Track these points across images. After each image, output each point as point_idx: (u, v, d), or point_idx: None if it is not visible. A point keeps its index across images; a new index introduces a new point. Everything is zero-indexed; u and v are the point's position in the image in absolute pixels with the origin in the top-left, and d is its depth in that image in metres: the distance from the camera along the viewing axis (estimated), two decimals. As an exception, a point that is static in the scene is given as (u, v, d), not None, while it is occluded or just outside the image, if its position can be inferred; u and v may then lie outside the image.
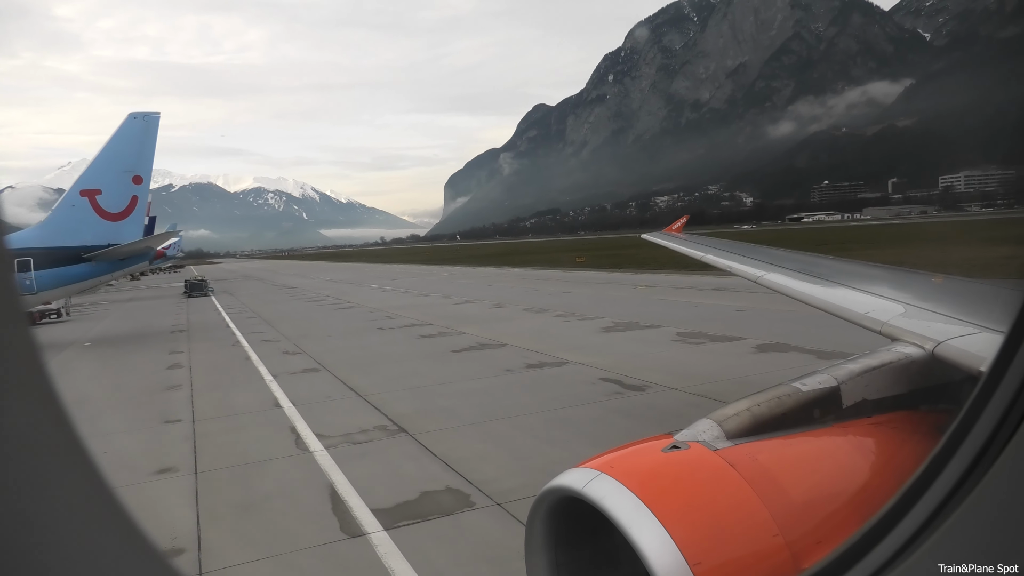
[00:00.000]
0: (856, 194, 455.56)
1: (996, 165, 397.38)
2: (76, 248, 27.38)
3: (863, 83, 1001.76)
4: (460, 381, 15.99)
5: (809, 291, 5.96)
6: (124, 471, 10.68)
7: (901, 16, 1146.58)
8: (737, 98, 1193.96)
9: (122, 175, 28.22)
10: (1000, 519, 1.46)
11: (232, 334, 28.08)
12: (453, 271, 73.15)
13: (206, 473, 10.26)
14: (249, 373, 18.93)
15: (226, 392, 16.46)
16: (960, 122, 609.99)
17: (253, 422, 13.41)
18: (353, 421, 12.79)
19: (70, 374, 20.98)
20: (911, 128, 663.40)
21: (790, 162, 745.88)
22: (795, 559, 2.40)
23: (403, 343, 22.84)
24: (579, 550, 2.82)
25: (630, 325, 23.23)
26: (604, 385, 14.52)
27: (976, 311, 3.79)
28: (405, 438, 11.48)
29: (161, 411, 14.89)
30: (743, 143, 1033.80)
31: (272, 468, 10.42)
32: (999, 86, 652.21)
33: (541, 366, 17.11)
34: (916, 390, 3.33)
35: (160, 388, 17.62)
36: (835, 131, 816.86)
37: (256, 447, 11.60)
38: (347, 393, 15.36)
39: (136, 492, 9.67)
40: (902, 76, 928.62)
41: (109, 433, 13.17)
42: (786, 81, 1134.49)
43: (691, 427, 2.87)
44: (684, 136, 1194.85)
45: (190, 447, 11.79)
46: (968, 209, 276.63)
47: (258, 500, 9.10)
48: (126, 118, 28.58)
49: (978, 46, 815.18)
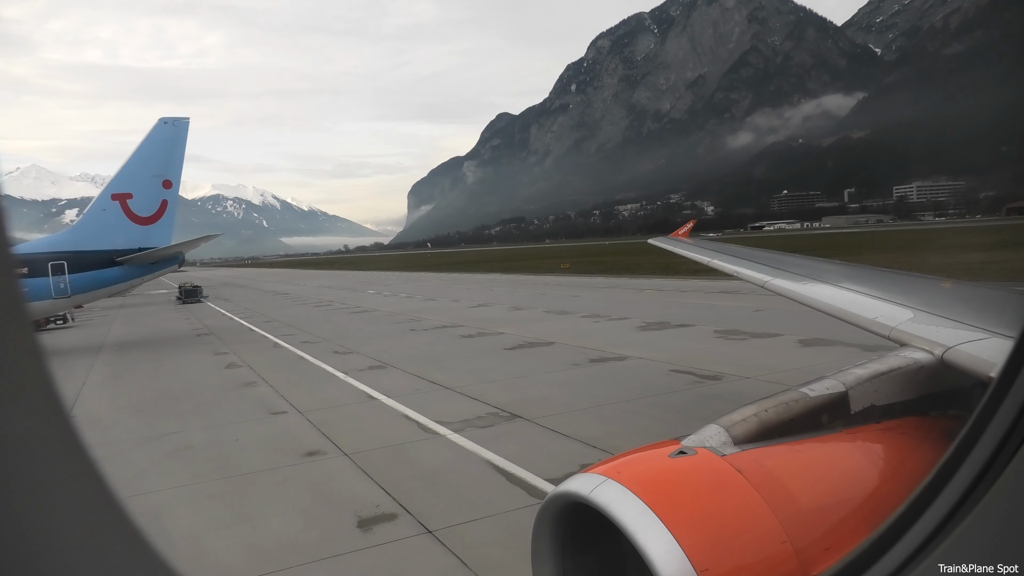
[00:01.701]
0: (815, 203, 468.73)
1: (946, 176, 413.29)
2: (108, 252, 27.54)
3: (818, 96, 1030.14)
4: (536, 375, 16.88)
5: (817, 295, 5.98)
6: (271, 455, 11.41)
7: (853, 32, 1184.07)
8: (697, 109, 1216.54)
9: (152, 179, 28.48)
10: (1012, 526, 1.44)
11: (263, 337, 28.45)
12: (442, 277, 73.62)
13: (359, 454, 10.99)
14: (315, 370, 19.53)
15: (310, 387, 17.07)
16: (910, 134, 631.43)
17: (361, 412, 14.13)
18: (460, 409, 13.60)
19: (129, 373, 21.29)
20: (864, 139, 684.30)
21: (749, 172, 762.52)
22: (803, 566, 2.40)
23: (449, 342, 23.59)
24: (586, 557, 2.82)
25: (662, 325, 24.36)
26: (679, 376, 15.59)
27: (985, 316, 3.79)
28: (524, 423, 12.36)
29: (258, 404, 15.48)
30: (703, 153, 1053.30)
31: (418, 449, 11.21)
32: (947, 100, 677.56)
33: (604, 361, 18.10)
34: (925, 396, 3.33)
35: (236, 385, 18.13)
36: (792, 142, 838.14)
37: (384, 432, 12.36)
38: (432, 386, 16.12)
39: (299, 472, 10.42)
40: (855, 89, 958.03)
41: (226, 424, 13.81)
42: (744, 93, 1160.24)
43: (698, 432, 2.89)
44: (646, 145, 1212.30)
45: (318, 434, 12.47)
46: (922, 218, 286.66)
47: (432, 473, 9.92)
48: (156, 123, 28.84)
49: (926, 61, 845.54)
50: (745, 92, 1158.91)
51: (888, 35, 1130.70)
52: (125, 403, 16.95)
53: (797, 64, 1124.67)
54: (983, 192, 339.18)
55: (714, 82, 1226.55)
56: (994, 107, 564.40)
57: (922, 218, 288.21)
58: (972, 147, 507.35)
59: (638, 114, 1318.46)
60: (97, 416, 15.44)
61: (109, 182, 28.56)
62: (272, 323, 34.28)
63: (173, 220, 29.23)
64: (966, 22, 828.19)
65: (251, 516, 8.77)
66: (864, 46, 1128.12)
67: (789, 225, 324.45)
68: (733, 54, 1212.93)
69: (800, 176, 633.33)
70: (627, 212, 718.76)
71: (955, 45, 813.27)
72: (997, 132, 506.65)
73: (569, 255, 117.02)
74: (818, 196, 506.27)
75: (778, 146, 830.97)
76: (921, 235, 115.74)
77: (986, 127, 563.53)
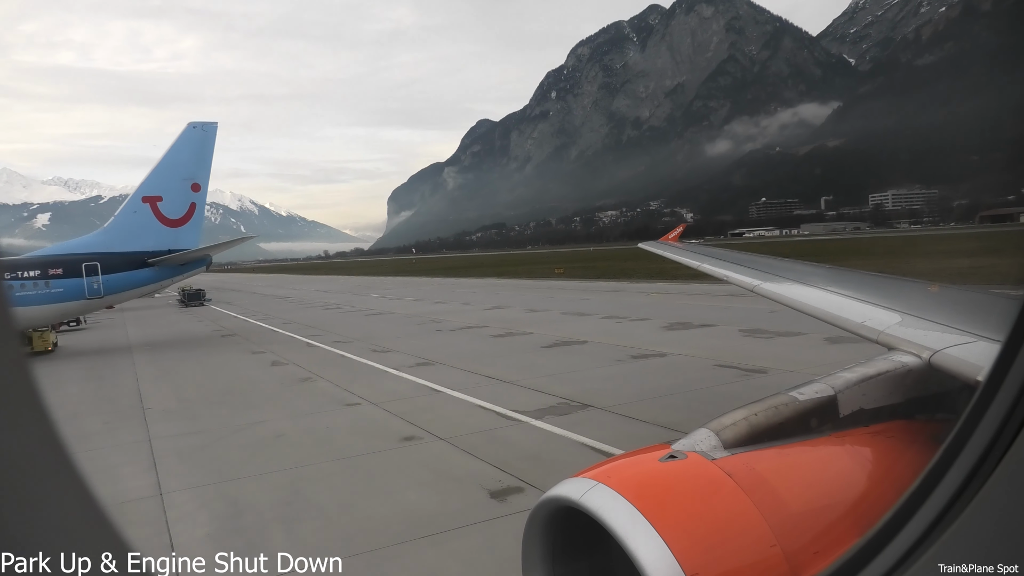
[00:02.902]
0: (792, 211, 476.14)
1: (920, 184, 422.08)
2: (139, 253, 28.03)
3: (794, 105, 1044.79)
4: (585, 369, 17.77)
5: (806, 299, 6.06)
6: (369, 440, 12.17)
7: (828, 42, 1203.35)
8: (676, 117, 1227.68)
9: (182, 182, 29.02)
10: (1001, 528, 1.45)
11: (291, 337, 29.01)
12: (439, 282, 74.23)
13: (455, 439, 11.78)
14: (364, 367, 20.23)
15: (368, 382, 17.80)
16: (885, 143, 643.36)
17: (433, 403, 14.90)
18: (528, 400, 14.42)
19: (177, 371, 21.81)
20: (840, 148, 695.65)
21: (728, 179, 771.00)
22: (793, 570, 2.40)
23: (481, 342, 24.37)
24: (576, 562, 2.81)
25: (685, 325, 25.37)
26: (725, 370, 16.56)
27: (972, 320, 3.82)
28: (597, 411, 13.21)
29: (327, 397, 16.19)
30: (682, 160, 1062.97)
31: (508, 433, 12.03)
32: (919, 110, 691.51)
33: (645, 357, 19.03)
34: (912, 399, 3.36)
35: (293, 380, 18.79)
36: (769, 150, 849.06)
37: (468, 419, 13.17)
38: (489, 380, 16.90)
39: (405, 454, 11.22)
40: (830, 99, 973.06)
41: (306, 414, 14.54)
42: (722, 101, 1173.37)
43: (688, 436, 2.91)
44: (625, 153, 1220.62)
45: (403, 422, 13.24)
46: (898, 226, 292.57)
47: (535, 454, 10.76)
48: (185, 127, 29.39)
49: (899, 72, 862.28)
50: (723, 100, 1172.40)
51: (862, 46, 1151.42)
52: (193, 397, 17.54)
53: (774, 73, 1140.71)
54: (956, 200, 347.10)
55: (692, 90, 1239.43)
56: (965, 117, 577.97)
57: (898, 225, 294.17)
58: (944, 156, 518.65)
59: (618, 121, 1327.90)
60: (172, 409, 16.05)
61: (140, 185, 29.09)
62: (290, 325, 34.81)
63: (201, 222, 29.78)
64: (937, 34, 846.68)
65: (388, 490, 9.55)
66: (839, 56, 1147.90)
67: (769, 232, 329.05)
68: (711, 63, 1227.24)
69: (778, 184, 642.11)
70: (607, 219, 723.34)
71: (927, 56, 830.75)
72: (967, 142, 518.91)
73: (558, 261, 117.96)
74: (796, 204, 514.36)
75: (756, 154, 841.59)
76: (906, 242, 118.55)
77: (957, 137, 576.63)
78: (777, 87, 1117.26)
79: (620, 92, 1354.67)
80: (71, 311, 27.36)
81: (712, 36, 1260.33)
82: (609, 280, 57.12)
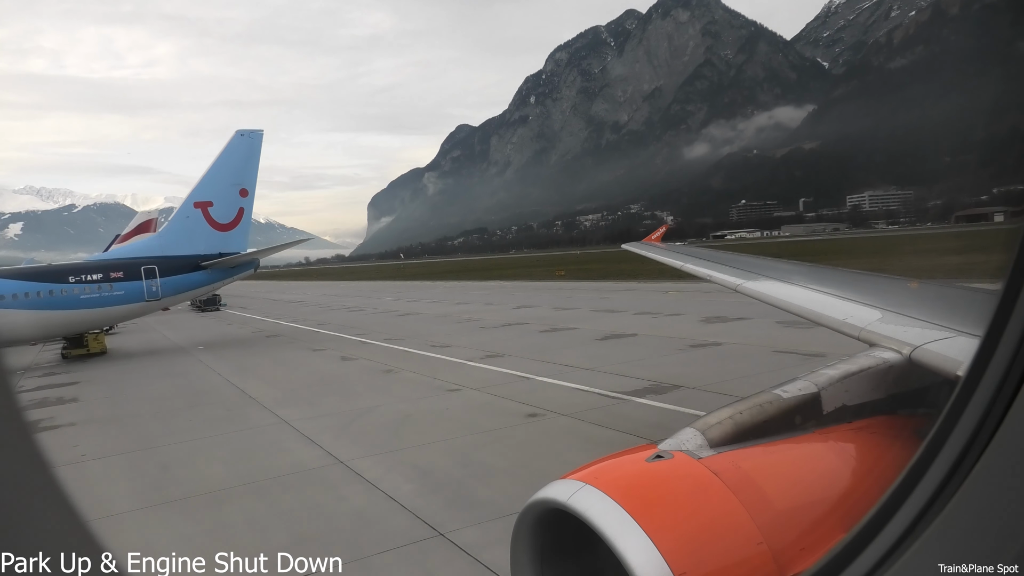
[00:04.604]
0: (772, 212, 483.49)
1: (896, 186, 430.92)
2: (193, 257, 29.09)
3: (770, 108, 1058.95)
4: (652, 358, 19.16)
5: (788, 297, 6.14)
6: (495, 417, 13.49)
7: (802, 46, 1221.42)
8: (654, 121, 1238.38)
9: (230, 188, 30.13)
10: (985, 520, 1.50)
11: (339, 336, 30.15)
12: (446, 285, 75.26)
13: (576, 414, 13.13)
14: (436, 360, 21.43)
15: (452, 372, 19.06)
16: (860, 145, 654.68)
17: (530, 387, 16.20)
18: (618, 383, 15.76)
19: (255, 367, 22.89)
20: (816, 150, 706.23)
21: (707, 182, 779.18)
22: (780, 568, 2.44)
23: (534, 336, 25.64)
24: (565, 564, 2.82)
25: (720, 319, 26.85)
26: (785, 355, 18.05)
27: (951, 315, 3.86)
28: (689, 390, 14.61)
29: (422, 385, 17.46)
30: (661, 164, 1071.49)
31: (621, 409, 13.40)
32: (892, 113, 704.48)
33: (703, 346, 20.48)
34: (894, 395, 3.41)
35: (376, 372, 20.05)
36: (747, 153, 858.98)
37: (575, 399, 14.50)
38: (569, 368, 18.18)
39: (540, 427, 12.58)
40: (805, 102, 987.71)
41: (416, 399, 15.85)
42: (699, 105, 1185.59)
43: (675, 436, 2.94)
44: (605, 157, 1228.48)
45: (516, 403, 14.55)
46: (876, 226, 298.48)
47: (658, 423, 12.15)
48: (233, 135, 30.54)
49: (872, 75, 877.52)
50: (700, 104, 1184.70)
51: (835, 49, 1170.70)
52: (291, 387, 18.71)
53: (749, 77, 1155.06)
54: (931, 201, 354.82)
55: (670, 94, 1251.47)
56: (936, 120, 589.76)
57: (876, 226, 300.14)
58: (918, 158, 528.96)
59: (597, 126, 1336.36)
60: (281, 398, 17.22)
61: (192, 191, 30.18)
62: (327, 326, 35.87)
63: (249, 227, 30.83)
64: (907, 38, 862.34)
65: (549, 453, 10.89)
66: (813, 60, 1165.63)
67: (750, 234, 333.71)
68: (688, 67, 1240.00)
69: (756, 186, 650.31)
70: (589, 222, 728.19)
71: (898, 60, 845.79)
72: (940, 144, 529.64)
73: (546, 264, 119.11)
74: (775, 205, 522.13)
75: (733, 157, 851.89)
76: (888, 242, 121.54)
77: (930, 139, 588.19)
78: (753, 90, 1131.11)
79: (599, 96, 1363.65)
80: (132, 313, 28.32)
81: (688, 40, 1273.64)
82: (614, 281, 58.41)
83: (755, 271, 7.91)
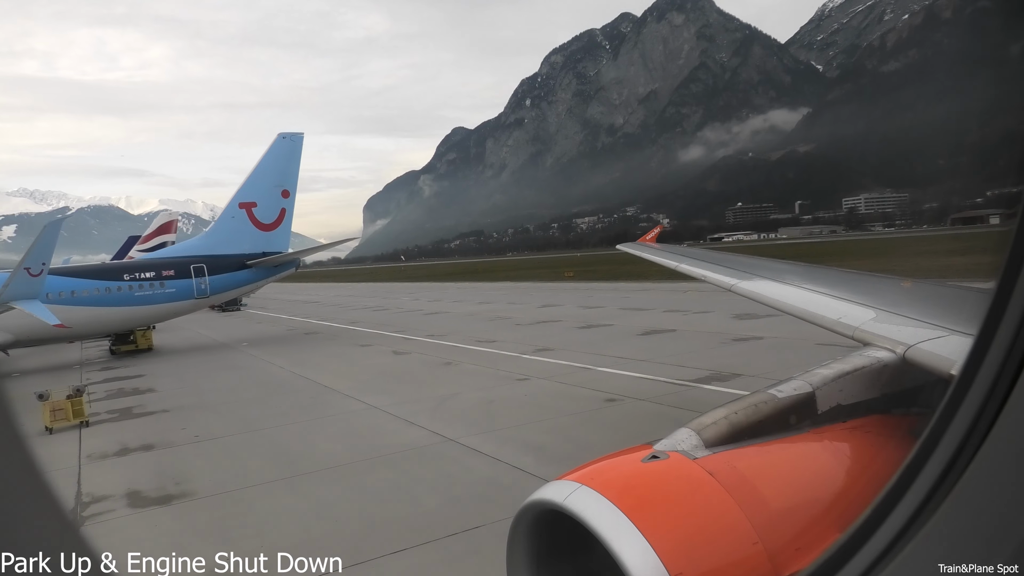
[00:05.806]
0: (769, 215, 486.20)
1: (891, 188, 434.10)
2: (239, 256, 30.06)
3: (765, 111, 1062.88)
4: (701, 351, 20.07)
5: (782, 297, 6.20)
6: (573, 403, 14.47)
7: (796, 49, 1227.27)
8: (650, 124, 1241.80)
9: (273, 189, 31.08)
10: (980, 519, 1.49)
11: (378, 334, 31.06)
12: (459, 286, 75.97)
13: (654, 398, 14.16)
14: (487, 354, 22.31)
15: (509, 364, 19.97)
16: (854, 148, 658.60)
17: (594, 376, 17.14)
18: (678, 373, 16.68)
19: (311, 360, 23.70)
20: (811, 153, 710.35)
21: (702, 185, 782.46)
22: (776, 568, 2.47)
23: (573, 333, 26.52)
24: (561, 565, 2.82)
25: (751, 315, 27.60)
26: (830, 347, 18.92)
27: (945, 314, 3.85)
28: (749, 379, 15.51)
29: (488, 375, 18.40)
30: (657, 167, 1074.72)
31: (692, 394, 14.38)
32: (886, 115, 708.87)
33: (745, 340, 21.43)
34: (888, 394, 3.41)
35: (436, 364, 20.99)
36: (742, 156, 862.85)
37: (641, 387, 15.44)
38: (624, 360, 19.10)
39: (621, 410, 13.57)
40: (800, 105, 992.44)
41: (490, 387, 16.82)
42: (695, 108, 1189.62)
43: (670, 436, 2.95)
44: (601, 160, 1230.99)
45: (588, 390, 15.51)
46: (872, 229, 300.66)
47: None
48: (276, 138, 31.52)
49: (865, 78, 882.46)
50: (695, 107, 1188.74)
51: (829, 52, 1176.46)
52: (358, 379, 19.59)
53: (744, 80, 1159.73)
54: (926, 203, 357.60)
55: (665, 97, 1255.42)
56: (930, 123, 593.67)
57: (872, 228, 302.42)
58: (912, 161, 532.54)
59: (592, 128, 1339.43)
60: (354, 387, 18.09)
61: (236, 192, 31.16)
62: (359, 323, 36.76)
63: (290, 227, 31.79)
64: (901, 41, 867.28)
65: (643, 432, 11.81)
66: (807, 63, 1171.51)
67: (747, 237, 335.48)
68: (683, 70, 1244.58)
69: (751, 189, 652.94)
70: (585, 225, 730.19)
71: (892, 63, 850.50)
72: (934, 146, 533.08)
73: (551, 266, 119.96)
74: (771, 208, 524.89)
75: (729, 160, 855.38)
76: (886, 243, 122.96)
77: (924, 142, 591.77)
78: (748, 94, 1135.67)
79: (594, 99, 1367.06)
80: (182, 310, 29.25)
81: (683, 44, 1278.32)
82: (626, 281, 59.10)
83: (749, 271, 7.92)
